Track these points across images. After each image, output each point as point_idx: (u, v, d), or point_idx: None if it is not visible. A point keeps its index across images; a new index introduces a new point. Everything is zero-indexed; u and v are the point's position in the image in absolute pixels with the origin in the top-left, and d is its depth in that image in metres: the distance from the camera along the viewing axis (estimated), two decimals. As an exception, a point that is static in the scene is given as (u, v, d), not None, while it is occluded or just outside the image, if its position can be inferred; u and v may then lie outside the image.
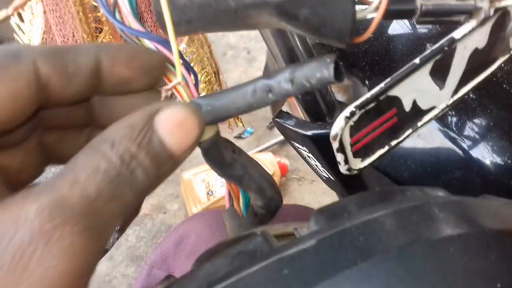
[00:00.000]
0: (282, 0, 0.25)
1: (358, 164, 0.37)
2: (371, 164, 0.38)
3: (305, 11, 0.26)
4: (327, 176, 0.68)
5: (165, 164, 0.23)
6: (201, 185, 1.61)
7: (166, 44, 0.28)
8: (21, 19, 0.41)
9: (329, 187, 0.76)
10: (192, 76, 0.28)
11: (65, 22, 0.40)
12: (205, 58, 0.48)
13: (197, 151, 0.29)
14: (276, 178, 1.70)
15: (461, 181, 0.59)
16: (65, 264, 0.18)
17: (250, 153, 1.77)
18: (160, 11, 0.27)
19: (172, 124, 0.23)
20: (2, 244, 0.18)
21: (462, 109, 0.61)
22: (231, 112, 0.27)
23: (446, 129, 0.60)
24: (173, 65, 0.28)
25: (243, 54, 2.26)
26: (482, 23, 0.32)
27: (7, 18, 0.28)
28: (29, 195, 0.19)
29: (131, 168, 0.22)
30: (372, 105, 0.32)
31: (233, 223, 0.35)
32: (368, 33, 0.29)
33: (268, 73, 0.27)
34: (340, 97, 0.76)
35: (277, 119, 0.62)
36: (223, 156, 0.31)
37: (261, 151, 1.81)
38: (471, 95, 0.62)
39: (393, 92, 0.33)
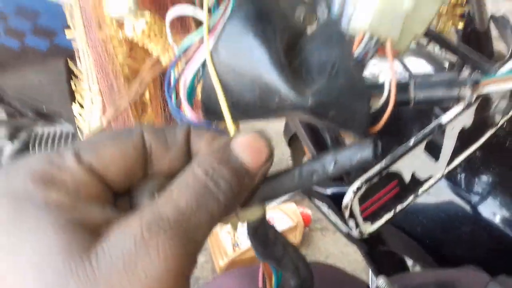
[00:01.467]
0: (315, 105, 0.32)
1: (368, 228, 0.43)
2: (380, 227, 0.44)
3: (332, 113, 0.32)
4: (347, 231, 0.73)
5: (244, 178, 0.28)
6: (227, 237, 1.66)
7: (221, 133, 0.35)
8: (82, 107, 0.49)
9: (349, 241, 0.81)
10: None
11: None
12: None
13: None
14: (299, 229, 1.74)
15: (470, 235, 0.63)
16: (162, 266, 0.24)
17: (273, 204, 1.82)
18: (208, 104, 0.34)
19: (246, 145, 0.29)
20: (115, 252, 0.24)
21: (468, 167, 0.66)
22: (279, 193, 0.32)
23: (454, 186, 0.65)
24: None
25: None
26: (466, 107, 0.39)
27: (102, 128, 0.35)
28: (134, 213, 0.25)
29: (215, 180, 0.27)
30: (375, 179, 0.38)
31: None
32: (381, 124, 0.36)
33: (311, 158, 0.33)
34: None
35: (298, 179, 0.68)
36: (268, 235, 0.34)
37: (284, 201, 1.86)
38: (477, 154, 0.67)
39: (393, 168, 0.39)
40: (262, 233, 0.34)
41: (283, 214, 1.74)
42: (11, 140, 1.08)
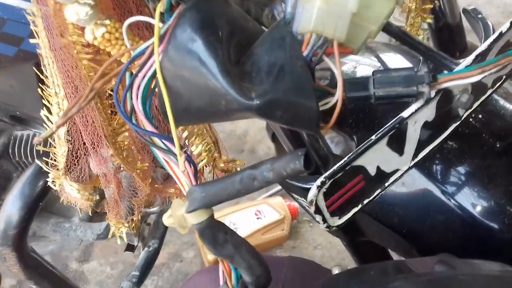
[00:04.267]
0: (261, 106, 0.32)
1: (336, 221, 0.44)
2: (349, 219, 0.45)
3: (279, 112, 0.33)
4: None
5: None
6: (215, 232, 1.66)
7: (171, 140, 0.35)
8: (50, 112, 0.49)
9: (330, 234, 0.82)
10: (193, 167, 0.35)
11: (86, 112, 0.48)
12: (205, 131, 0.56)
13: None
14: (287, 221, 1.75)
15: (444, 223, 0.64)
16: None
17: (260, 198, 1.83)
18: (166, 112, 0.35)
19: None
20: None
21: (443, 158, 0.67)
22: (222, 198, 0.34)
23: (428, 177, 0.66)
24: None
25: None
26: (426, 102, 0.39)
27: (52, 133, 0.35)
28: None
29: None
30: (339, 174, 0.39)
31: None
32: (331, 123, 0.36)
33: (253, 164, 0.34)
34: (335, 150, 0.83)
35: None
36: (216, 237, 0.36)
37: (271, 195, 1.86)
38: (453, 145, 0.68)
39: (357, 163, 0.40)
40: (209, 234, 0.36)
41: (270, 208, 1.74)
42: (-10, 144, 1.07)
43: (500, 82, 0.45)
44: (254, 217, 1.72)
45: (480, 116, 0.70)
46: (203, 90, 0.34)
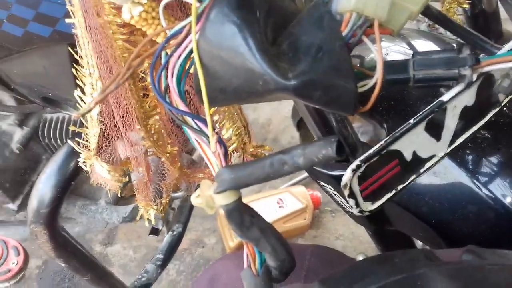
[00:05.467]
0: (299, 86, 0.32)
1: (369, 206, 0.43)
2: (382, 205, 0.44)
3: (317, 93, 0.32)
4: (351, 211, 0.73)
5: None
6: (237, 220, 1.67)
7: (204, 121, 0.35)
8: (83, 93, 0.49)
9: (355, 222, 0.81)
10: (223, 148, 0.35)
11: (119, 94, 0.48)
12: (236, 115, 0.56)
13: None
14: (309, 211, 1.74)
15: (476, 214, 0.63)
16: None
17: (283, 187, 1.82)
18: (200, 92, 0.35)
19: None
20: None
21: (476, 148, 0.65)
22: (251, 181, 0.33)
23: (461, 167, 0.65)
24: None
25: (274, 91, 2.34)
26: (467, 86, 0.38)
27: (90, 110, 0.35)
28: None
29: None
30: (375, 158, 0.38)
31: (250, 282, 0.39)
32: (370, 104, 0.36)
33: (284, 149, 0.34)
34: (363, 138, 0.82)
35: (304, 161, 0.68)
36: (243, 219, 0.35)
37: (293, 184, 1.86)
38: (486, 135, 0.67)
39: (393, 147, 0.39)
40: (236, 216, 0.35)
41: (292, 197, 1.74)
42: (20, 126, 1.09)
43: (543, 68, 0.44)
44: (276, 205, 1.72)
45: (512, 105, 0.68)
46: (240, 70, 0.33)
